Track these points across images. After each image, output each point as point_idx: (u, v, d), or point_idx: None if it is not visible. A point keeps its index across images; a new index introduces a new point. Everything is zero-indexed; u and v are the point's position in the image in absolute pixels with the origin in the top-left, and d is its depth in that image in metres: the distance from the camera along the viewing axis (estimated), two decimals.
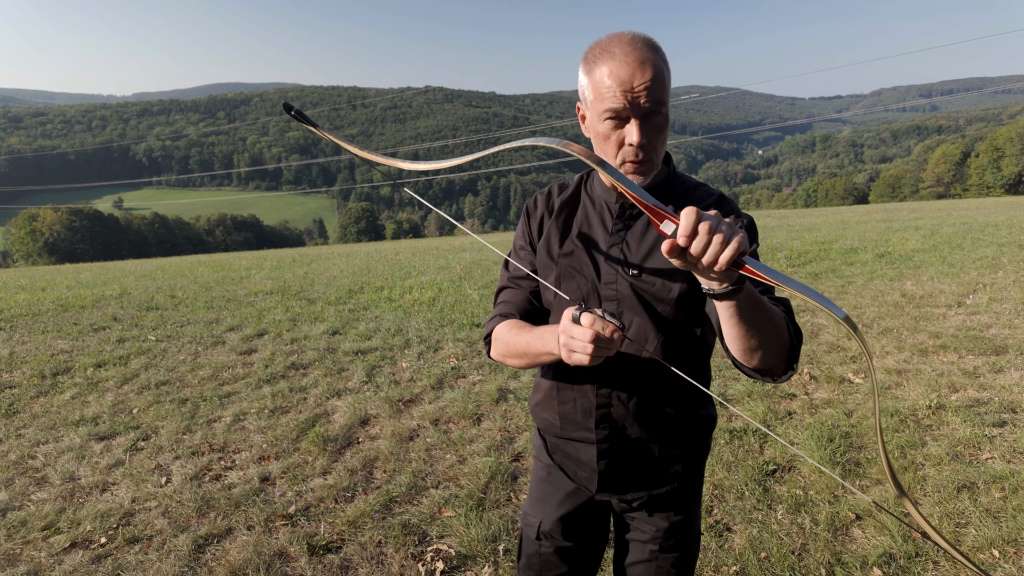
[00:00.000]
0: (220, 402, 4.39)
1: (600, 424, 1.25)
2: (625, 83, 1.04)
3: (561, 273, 1.26)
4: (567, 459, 1.35)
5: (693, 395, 1.27)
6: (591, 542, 1.41)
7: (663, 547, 1.33)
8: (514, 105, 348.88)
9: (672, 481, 1.31)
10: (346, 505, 2.95)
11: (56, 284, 11.82)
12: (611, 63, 1.05)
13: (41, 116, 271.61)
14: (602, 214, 1.25)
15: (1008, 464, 2.95)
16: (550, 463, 1.39)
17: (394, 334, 6.03)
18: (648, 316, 1.18)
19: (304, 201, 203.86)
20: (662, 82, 1.06)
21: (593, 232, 1.24)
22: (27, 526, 2.85)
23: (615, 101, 1.05)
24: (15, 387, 4.88)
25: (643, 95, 1.04)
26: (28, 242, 65.11)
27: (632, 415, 1.23)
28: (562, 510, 1.37)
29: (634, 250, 1.19)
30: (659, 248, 1.16)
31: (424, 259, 13.72)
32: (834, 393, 3.96)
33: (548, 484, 1.39)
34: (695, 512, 1.37)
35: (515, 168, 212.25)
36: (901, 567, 2.29)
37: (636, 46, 1.06)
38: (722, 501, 2.82)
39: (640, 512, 1.34)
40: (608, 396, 1.24)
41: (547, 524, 1.38)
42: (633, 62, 1.04)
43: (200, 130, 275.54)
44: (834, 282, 7.49)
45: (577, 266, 1.24)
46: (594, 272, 1.22)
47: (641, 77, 1.04)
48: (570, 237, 1.26)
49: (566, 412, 1.29)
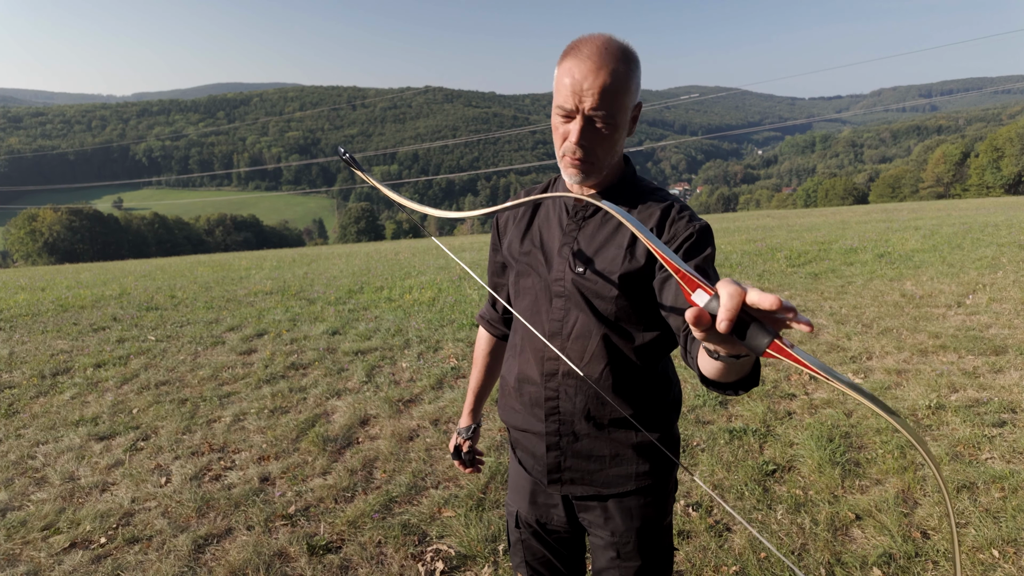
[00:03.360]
0: (220, 402, 4.39)
1: (549, 416, 1.28)
2: (577, 83, 1.06)
3: (519, 271, 1.32)
4: (524, 452, 1.38)
5: (648, 400, 1.26)
6: (567, 529, 1.40)
7: (622, 554, 1.31)
8: (514, 105, 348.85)
9: (626, 484, 1.28)
10: (346, 505, 2.95)
11: (56, 284, 11.82)
12: (573, 61, 1.07)
13: (41, 116, 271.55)
14: (560, 214, 1.29)
15: (1008, 464, 2.95)
16: (513, 455, 1.44)
17: (394, 334, 6.03)
18: (592, 313, 1.21)
19: (304, 201, 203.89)
20: (615, 91, 1.06)
21: (551, 231, 1.28)
22: (27, 526, 2.85)
23: (565, 99, 1.08)
24: (15, 387, 4.88)
25: (591, 99, 1.06)
26: (28, 242, 65.08)
27: (580, 411, 1.25)
28: (531, 500, 1.39)
29: (583, 248, 1.22)
30: (605, 249, 1.20)
31: (424, 259, 13.72)
32: (834, 393, 3.96)
33: (518, 475, 1.43)
34: (659, 521, 1.33)
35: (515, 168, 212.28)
36: (901, 567, 2.29)
37: (600, 51, 1.06)
38: (722, 501, 2.82)
39: (593, 513, 1.32)
40: (556, 390, 1.26)
41: (523, 512, 1.41)
42: (592, 66, 1.05)
43: (200, 130, 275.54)
44: (834, 282, 7.49)
45: (532, 263, 1.29)
46: (546, 269, 1.26)
47: (592, 81, 1.05)
48: (529, 236, 1.32)
49: (519, 405, 1.34)
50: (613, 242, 1.20)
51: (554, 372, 1.26)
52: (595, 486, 1.29)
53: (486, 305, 1.57)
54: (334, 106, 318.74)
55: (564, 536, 1.40)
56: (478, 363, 1.60)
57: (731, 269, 8.99)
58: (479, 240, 22.69)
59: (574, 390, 1.25)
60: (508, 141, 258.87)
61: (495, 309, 1.52)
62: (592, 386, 1.23)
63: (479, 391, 1.61)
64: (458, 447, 1.61)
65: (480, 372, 1.60)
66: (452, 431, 3.74)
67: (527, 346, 1.30)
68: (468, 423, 1.62)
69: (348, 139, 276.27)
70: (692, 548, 2.48)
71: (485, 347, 1.58)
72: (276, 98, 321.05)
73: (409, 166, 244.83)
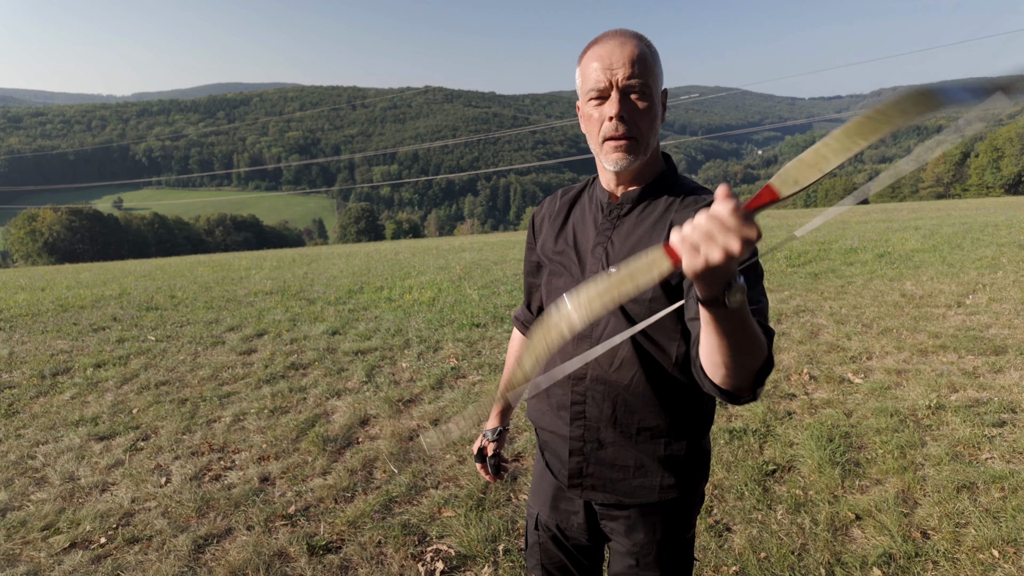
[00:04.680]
0: (220, 402, 4.39)
1: (574, 420, 1.25)
2: (605, 60, 1.09)
3: (552, 270, 1.30)
4: (550, 453, 1.36)
5: (683, 414, 1.22)
6: (586, 537, 1.38)
7: (641, 564, 1.29)
8: (514, 105, 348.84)
9: (650, 495, 1.24)
10: (346, 505, 2.95)
11: (56, 284, 11.81)
12: (596, 48, 1.12)
13: (40, 116, 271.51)
14: (596, 213, 1.25)
15: (1008, 464, 2.95)
16: (540, 457, 1.41)
17: (394, 334, 6.03)
18: (624, 316, 1.17)
19: (304, 201, 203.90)
20: (645, 62, 1.09)
21: (586, 230, 1.26)
22: (27, 526, 2.85)
23: (597, 81, 1.10)
24: (15, 387, 4.88)
25: (622, 71, 1.08)
26: (28, 242, 65.08)
27: (606, 417, 1.22)
28: (553, 504, 1.37)
29: (618, 248, 1.19)
30: (641, 248, 1.15)
31: (424, 259, 13.73)
32: (834, 393, 3.96)
33: (541, 477, 1.41)
34: (682, 534, 1.30)
35: (515, 168, 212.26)
36: (901, 567, 2.29)
37: (620, 33, 1.12)
38: (722, 501, 2.82)
39: (616, 523, 1.30)
40: (583, 395, 1.23)
41: (543, 515, 1.39)
42: (615, 45, 1.10)
43: (200, 130, 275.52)
44: (834, 282, 7.49)
45: (565, 263, 1.26)
46: (579, 269, 1.23)
47: (621, 54, 1.08)
48: (563, 235, 1.29)
49: (546, 407, 1.32)
50: (649, 242, 1.15)
51: (582, 376, 1.22)
52: (616, 495, 1.26)
53: (521, 306, 1.54)
54: (334, 106, 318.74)
55: (583, 544, 1.38)
56: (511, 364, 1.55)
57: None
58: (479, 240, 22.70)
59: (602, 395, 1.21)
60: (508, 141, 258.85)
61: (529, 310, 1.50)
62: (621, 393, 1.19)
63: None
64: (482, 450, 1.55)
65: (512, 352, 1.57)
66: (452, 431, 3.74)
67: (555, 350, 1.26)
68: (495, 425, 1.57)
69: (348, 139, 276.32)
70: None
71: (518, 348, 1.55)
72: (276, 98, 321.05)
73: (409, 166, 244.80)
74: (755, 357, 0.90)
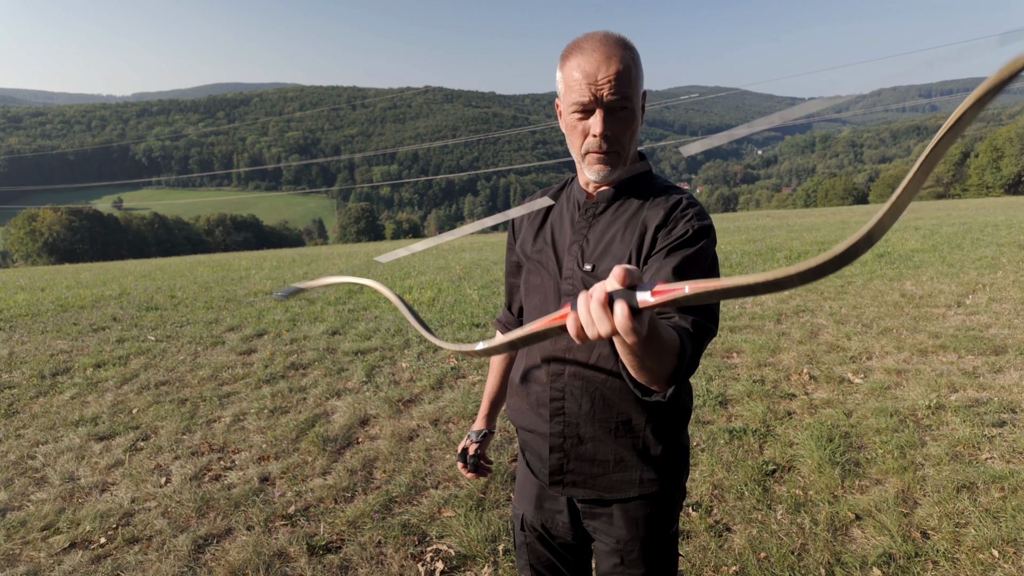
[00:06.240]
0: (220, 402, 4.39)
1: (554, 416, 1.27)
2: (591, 76, 1.07)
3: (530, 268, 1.32)
4: (530, 453, 1.36)
5: (660, 408, 1.22)
6: (572, 536, 1.38)
7: (626, 561, 1.30)
8: (514, 105, 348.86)
9: (630, 490, 1.26)
10: (346, 505, 2.95)
11: (55, 284, 11.81)
12: (579, 57, 1.09)
13: (40, 116, 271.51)
14: (573, 211, 1.27)
15: (1007, 464, 2.95)
16: (522, 457, 1.42)
17: (394, 334, 6.03)
18: None
19: (304, 201, 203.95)
20: (628, 77, 1.08)
21: (563, 228, 1.27)
22: (27, 526, 2.85)
23: (581, 94, 1.09)
24: (14, 387, 4.88)
25: (607, 88, 1.07)
26: (27, 242, 65.06)
27: (585, 413, 1.23)
28: (537, 504, 1.38)
29: (592, 245, 1.21)
30: (614, 246, 1.18)
31: (424, 259, 13.72)
32: (834, 393, 3.96)
33: (524, 478, 1.42)
34: (664, 530, 1.31)
35: (515, 168, 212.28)
36: (901, 567, 2.29)
37: (604, 42, 1.09)
38: (722, 501, 2.82)
39: (599, 520, 1.31)
40: (562, 390, 1.25)
41: (528, 516, 1.40)
42: (600, 56, 1.07)
43: (200, 130, 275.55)
44: (834, 282, 7.49)
45: (543, 261, 1.28)
46: (556, 268, 1.25)
47: (606, 70, 1.07)
48: (542, 234, 1.31)
49: (525, 405, 1.33)
50: (622, 240, 1.18)
51: (560, 372, 1.25)
52: (597, 490, 1.27)
53: (503, 309, 1.54)
54: (334, 106, 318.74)
55: (569, 543, 1.39)
56: (494, 368, 1.58)
57: (731, 269, 8.99)
58: (479, 240, 22.69)
59: (580, 391, 1.23)
60: (508, 141, 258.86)
61: (511, 312, 1.51)
62: (599, 387, 1.21)
63: (494, 396, 1.59)
64: (465, 450, 1.59)
65: (496, 377, 1.58)
66: (452, 431, 3.74)
67: (534, 345, 1.29)
68: (480, 427, 1.60)
69: (348, 139, 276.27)
70: (692, 548, 2.48)
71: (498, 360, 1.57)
72: (276, 98, 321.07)
73: (409, 166, 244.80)
74: (664, 366, 0.89)
